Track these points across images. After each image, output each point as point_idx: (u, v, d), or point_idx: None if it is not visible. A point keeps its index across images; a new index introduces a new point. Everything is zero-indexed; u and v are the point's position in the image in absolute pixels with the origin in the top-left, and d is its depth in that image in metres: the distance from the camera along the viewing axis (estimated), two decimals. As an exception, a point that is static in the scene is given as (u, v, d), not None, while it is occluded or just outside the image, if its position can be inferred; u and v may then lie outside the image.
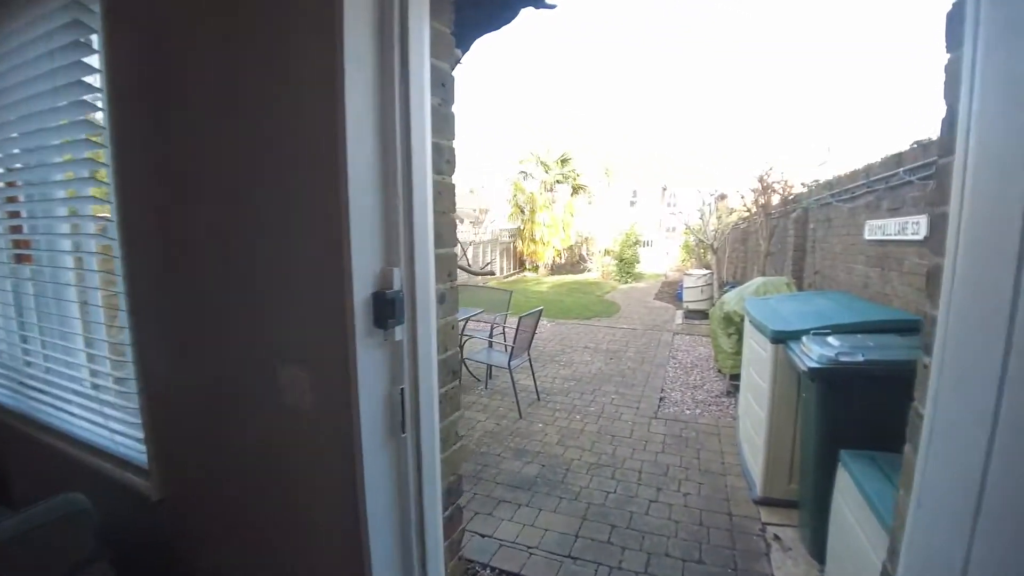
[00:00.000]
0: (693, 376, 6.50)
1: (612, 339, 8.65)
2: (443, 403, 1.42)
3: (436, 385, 1.35)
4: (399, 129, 1.15)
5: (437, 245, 1.31)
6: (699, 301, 10.76)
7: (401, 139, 1.16)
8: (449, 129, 1.37)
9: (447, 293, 1.41)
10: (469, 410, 5.28)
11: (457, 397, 1.54)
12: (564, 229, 20.51)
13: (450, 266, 1.42)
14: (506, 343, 5.30)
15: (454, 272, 1.44)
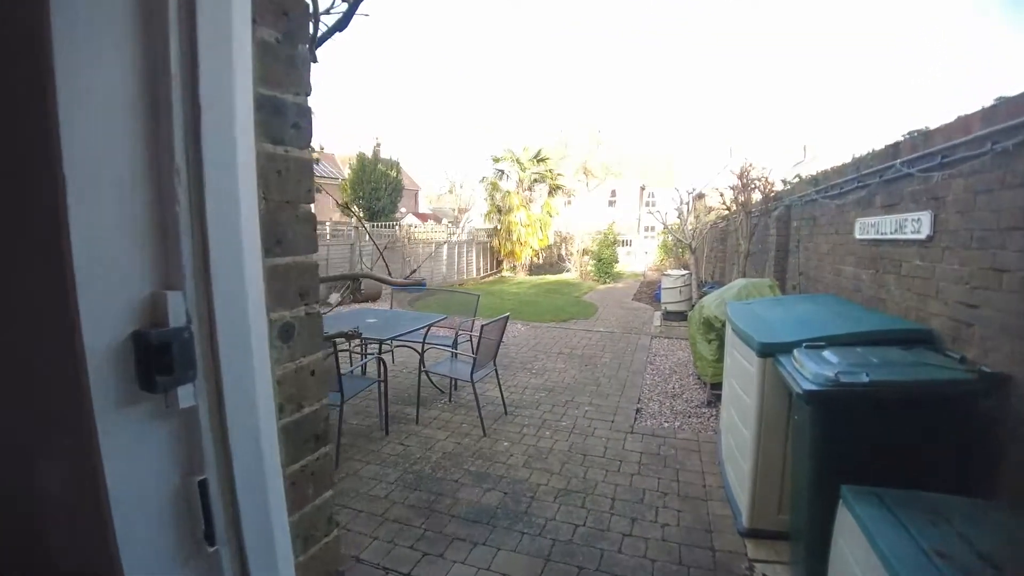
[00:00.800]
0: (672, 383, 6.12)
1: (588, 343, 8.25)
2: (297, 486, 0.97)
3: (278, 464, 0.89)
4: (177, 69, 0.70)
5: (273, 252, 0.86)
6: (678, 302, 10.43)
7: (183, 85, 0.71)
8: (296, 78, 0.92)
9: (300, 324, 0.96)
10: (428, 427, 4.82)
11: (325, 472, 1.08)
12: (542, 229, 20.13)
13: (305, 282, 0.96)
14: (473, 353, 4.85)
15: (313, 291, 0.99)
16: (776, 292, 5.14)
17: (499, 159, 20.43)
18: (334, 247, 12.38)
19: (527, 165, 20.23)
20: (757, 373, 3.01)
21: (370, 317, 5.57)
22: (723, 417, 4.22)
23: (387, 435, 4.65)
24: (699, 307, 5.70)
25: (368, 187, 29.59)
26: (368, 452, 4.33)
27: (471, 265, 19.32)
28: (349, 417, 5.05)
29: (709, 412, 5.20)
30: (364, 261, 12.91)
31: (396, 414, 5.14)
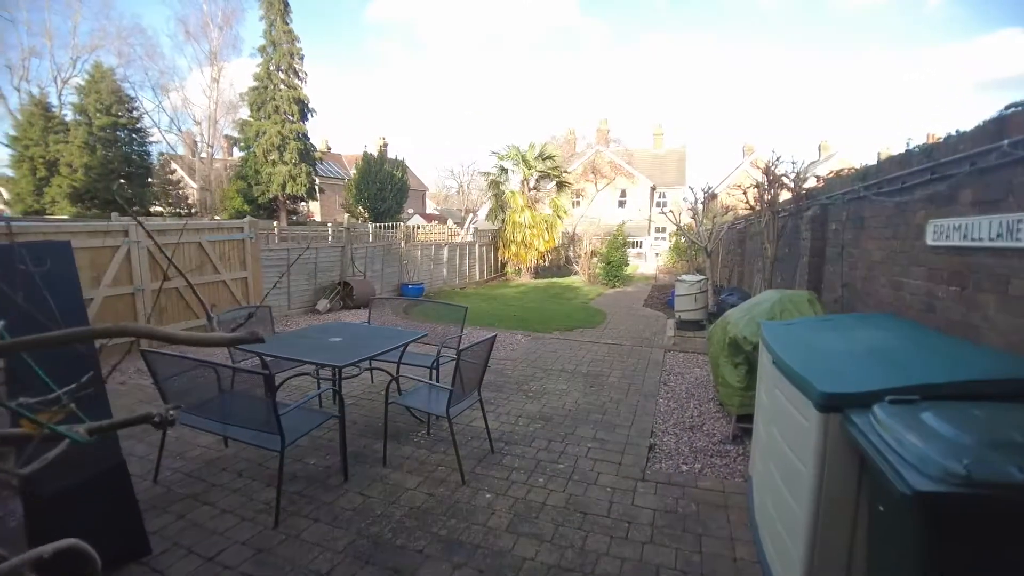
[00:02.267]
0: (690, 411, 5.27)
1: (594, 358, 7.41)
2: None
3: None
4: None
5: None
6: (693, 311, 9.55)
7: None
8: None
9: None
10: (397, 471, 4.01)
11: None
12: (548, 230, 19.26)
13: None
14: (461, 377, 4.02)
15: None
16: (818, 308, 4.29)
17: (503, 156, 19.59)
18: (324, 250, 11.62)
19: (532, 163, 19.37)
20: (816, 433, 2.18)
21: (335, 335, 4.77)
22: (756, 465, 3.38)
23: (346, 480, 3.86)
24: (723, 324, 4.85)
25: (373, 188, 29.01)
26: (320, 505, 3.54)
27: (473, 268, 18.52)
28: (306, 455, 4.27)
29: (735, 451, 4.35)
30: (356, 264, 12.15)
31: (363, 451, 4.34)
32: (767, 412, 3.06)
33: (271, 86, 24.42)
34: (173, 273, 7.86)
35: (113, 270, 7.07)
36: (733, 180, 28.29)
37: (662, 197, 33.22)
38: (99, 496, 2.84)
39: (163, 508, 3.53)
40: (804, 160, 7.19)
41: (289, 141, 24.49)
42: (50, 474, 2.70)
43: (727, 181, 30.51)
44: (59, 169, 21.13)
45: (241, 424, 3.51)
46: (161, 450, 3.93)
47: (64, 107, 24.35)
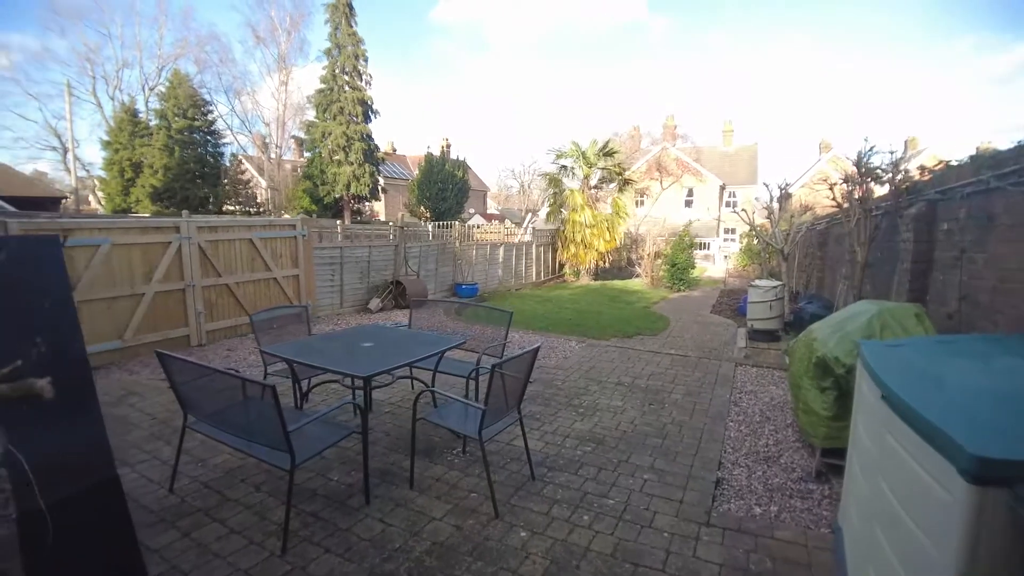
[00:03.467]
0: (764, 438, 4.57)
1: (655, 371, 6.76)
2: None
3: None
4: None
5: None
6: (767, 319, 8.67)
7: None
8: None
9: None
10: (425, 494, 3.59)
11: None
12: (609, 230, 18.48)
13: None
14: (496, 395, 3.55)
15: None
16: (927, 326, 3.53)
17: (562, 154, 18.99)
18: (377, 248, 11.47)
19: (593, 160, 18.66)
20: (963, 511, 1.54)
21: (368, 339, 4.42)
22: (850, 519, 2.71)
23: (368, 503, 3.47)
24: (807, 340, 4.13)
25: (435, 187, 29.18)
26: (335, 531, 3.16)
27: (530, 268, 18.04)
28: (330, 468, 3.93)
29: (820, 490, 3.66)
30: (409, 263, 11.95)
31: (391, 468, 3.96)
32: (870, 459, 2.40)
33: (336, 88, 24.90)
34: (222, 269, 7.85)
35: (164, 266, 7.08)
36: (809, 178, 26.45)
37: (732, 196, 31.64)
38: (88, 513, 2.57)
39: (171, 522, 3.27)
40: (899, 150, 6.24)
41: (353, 142, 24.89)
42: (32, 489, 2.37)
43: (802, 179, 28.59)
44: (143, 170, 22.37)
45: (250, 438, 3.19)
46: (178, 457, 3.70)
47: (149, 113, 25.83)
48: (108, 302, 6.53)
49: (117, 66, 30.83)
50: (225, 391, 3.21)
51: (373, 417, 4.98)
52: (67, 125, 24.57)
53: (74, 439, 2.62)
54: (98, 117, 29.89)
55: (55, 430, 2.57)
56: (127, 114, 23.76)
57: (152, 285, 6.97)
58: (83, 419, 2.63)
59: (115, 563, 2.70)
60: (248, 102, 30.67)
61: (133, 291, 6.78)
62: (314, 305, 9.59)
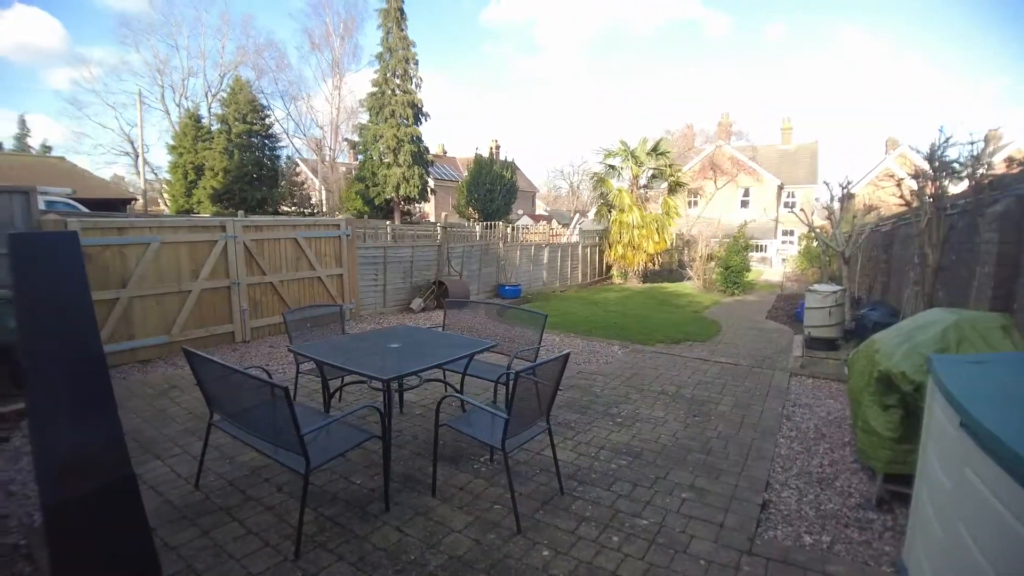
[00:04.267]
0: (818, 458, 4.18)
1: (702, 379, 6.39)
2: None
3: None
4: None
5: None
6: (826, 326, 8.10)
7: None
8: None
9: None
10: (447, 503, 3.43)
11: None
12: (659, 231, 17.94)
13: None
14: (538, 395, 3.35)
15: None
16: (1017, 339, 3.09)
17: (611, 153, 18.58)
18: (420, 249, 11.49)
19: (643, 159, 18.17)
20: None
21: (395, 340, 4.31)
22: (918, 561, 2.35)
23: (387, 510, 3.34)
24: (868, 351, 3.74)
25: (483, 189, 29.25)
26: (350, 539, 3.04)
27: (576, 270, 17.73)
28: (353, 471, 3.83)
29: (881, 521, 3.27)
30: (452, 264, 11.90)
31: (415, 474, 3.82)
32: (944, 494, 2.06)
33: (387, 91, 25.32)
34: (267, 268, 7.98)
35: (210, 264, 7.25)
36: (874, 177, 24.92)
37: (790, 197, 30.29)
38: (103, 509, 2.55)
39: (192, 520, 3.24)
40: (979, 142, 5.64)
41: (403, 144, 25.23)
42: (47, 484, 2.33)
43: (867, 178, 27.00)
44: (204, 173, 23.40)
45: (267, 439, 3.11)
46: (203, 454, 3.70)
47: (211, 118, 27.05)
48: (157, 298, 6.73)
49: (183, 75, 32.61)
50: (244, 390, 3.14)
51: (404, 420, 4.88)
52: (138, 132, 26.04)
53: (90, 436, 2.59)
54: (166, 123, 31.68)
55: (72, 427, 2.55)
56: (191, 120, 24.97)
57: (199, 282, 7.15)
58: (99, 417, 2.61)
59: (130, 560, 2.66)
60: (303, 106, 31.66)
61: (180, 288, 6.96)
62: (357, 304, 9.66)
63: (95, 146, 42.30)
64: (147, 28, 32.70)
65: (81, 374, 2.56)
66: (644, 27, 73.65)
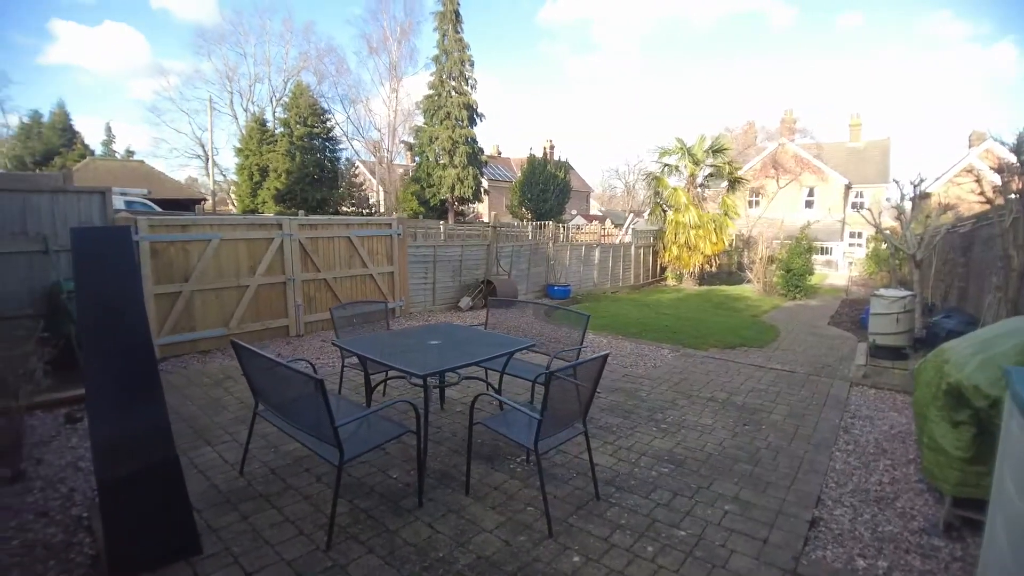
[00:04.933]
0: (877, 474, 3.89)
1: (756, 387, 6.11)
2: None
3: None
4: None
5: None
6: (893, 334, 7.58)
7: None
8: None
9: None
10: (480, 502, 3.40)
11: None
12: (717, 231, 17.34)
13: None
14: (578, 396, 3.28)
15: None
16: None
17: (667, 151, 18.12)
18: (469, 248, 11.56)
19: (700, 157, 17.63)
20: None
21: (435, 337, 4.33)
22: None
23: (420, 506, 3.35)
24: (937, 360, 3.45)
25: (536, 189, 29.23)
26: (382, 532, 3.06)
27: (628, 271, 17.41)
28: (391, 465, 3.88)
29: (948, 549, 3.00)
30: (501, 263, 11.91)
31: (450, 471, 3.82)
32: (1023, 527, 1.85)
33: (443, 93, 25.70)
34: (321, 265, 8.22)
35: (267, 261, 7.54)
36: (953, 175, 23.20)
37: (859, 196, 28.73)
38: (149, 489, 2.67)
39: (234, 505, 3.35)
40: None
41: (458, 145, 25.55)
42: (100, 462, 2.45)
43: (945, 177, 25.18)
44: (268, 174, 24.47)
45: (305, 430, 3.18)
46: (248, 442, 3.83)
47: (275, 122, 28.27)
48: (216, 292, 7.06)
49: (250, 81, 34.35)
50: (285, 382, 3.22)
51: (444, 416, 4.90)
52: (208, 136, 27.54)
53: (138, 421, 2.71)
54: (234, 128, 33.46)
55: (121, 411, 2.68)
56: (256, 123, 26.21)
57: (256, 278, 7.44)
58: (147, 403, 2.72)
59: (172, 536, 2.78)
60: (362, 109, 32.54)
61: (239, 283, 7.27)
62: (407, 301, 9.83)
63: (171, 150, 45.27)
64: (218, 38, 34.60)
65: (131, 362, 2.68)
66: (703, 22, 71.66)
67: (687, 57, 79.03)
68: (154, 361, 2.77)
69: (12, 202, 5.75)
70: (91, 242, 2.65)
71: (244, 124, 29.53)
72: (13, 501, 3.37)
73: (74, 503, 3.37)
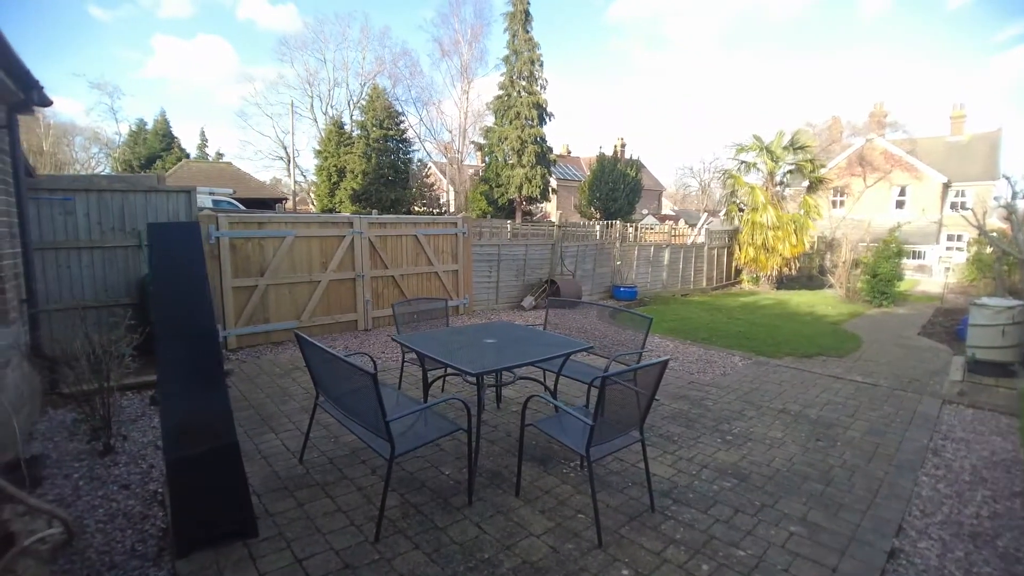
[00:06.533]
0: (974, 506, 3.50)
1: (832, 399, 5.70)
2: None
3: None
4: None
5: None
6: (998, 348, 6.84)
7: None
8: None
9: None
10: (529, 504, 3.35)
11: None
12: (797, 232, 16.36)
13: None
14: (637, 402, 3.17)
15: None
16: None
17: (743, 148, 17.31)
18: (534, 247, 11.52)
19: (780, 154, 16.71)
20: None
21: (491, 336, 4.31)
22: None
23: (470, 504, 3.34)
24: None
25: (606, 188, 28.78)
26: (429, 528, 3.08)
27: (700, 273, 16.78)
28: (444, 461, 3.91)
29: (1059, 592, 2.64)
30: (565, 263, 11.79)
31: (502, 471, 3.80)
32: None
33: (513, 94, 25.79)
34: (389, 262, 8.44)
35: (338, 257, 7.82)
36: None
37: (959, 196, 26.35)
38: (211, 472, 2.81)
39: (291, 491, 3.48)
40: None
41: (527, 145, 25.56)
42: (168, 443, 2.60)
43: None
44: (345, 175, 25.49)
45: (360, 422, 3.24)
46: (308, 431, 3.99)
47: (352, 124, 29.42)
48: (289, 287, 7.40)
49: (329, 86, 35.97)
50: (342, 375, 3.30)
51: (500, 415, 4.89)
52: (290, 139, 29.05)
53: (203, 406, 2.85)
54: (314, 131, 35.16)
55: (188, 397, 2.83)
56: (334, 126, 27.39)
57: (327, 274, 7.74)
58: (211, 389, 2.86)
59: (232, 517, 2.91)
60: (434, 111, 33.27)
61: (311, 278, 7.59)
62: (470, 299, 9.92)
63: (256, 152, 48.49)
64: (300, 45, 36.45)
65: (198, 350, 2.83)
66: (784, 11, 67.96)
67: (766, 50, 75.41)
68: (219, 350, 2.91)
69: (113, 201, 6.25)
70: (162, 237, 2.82)
71: (323, 127, 30.96)
72: (103, 472, 3.65)
73: (152, 478, 3.61)
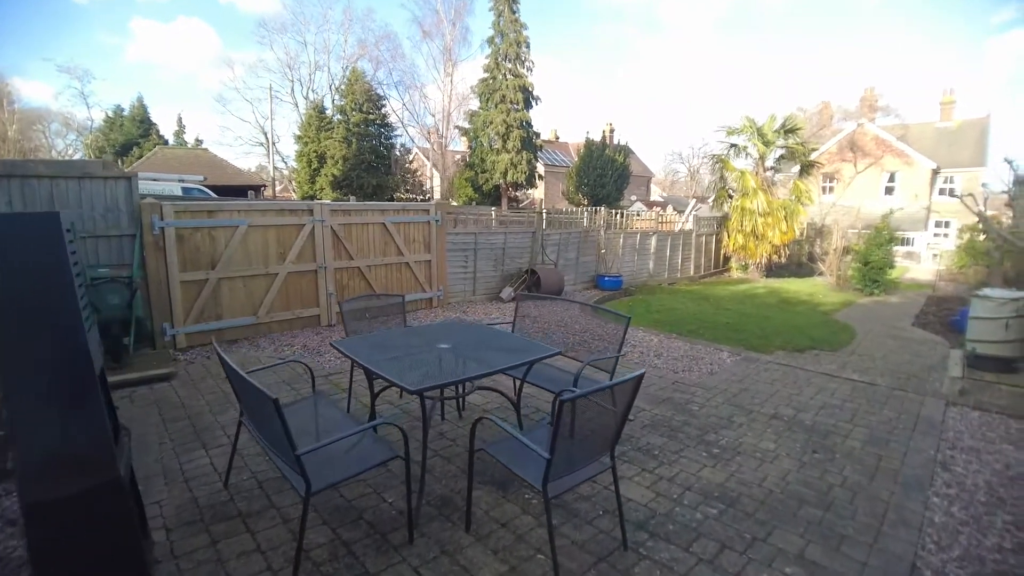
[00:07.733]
0: (995, 534, 3.04)
1: (828, 401, 5.25)
2: None
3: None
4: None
5: None
6: (1001, 343, 6.42)
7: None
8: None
9: None
10: (480, 545, 2.84)
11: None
12: (787, 219, 15.93)
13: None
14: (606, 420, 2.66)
15: None
16: None
17: (734, 130, 16.79)
18: (513, 235, 10.97)
19: (771, 137, 16.21)
20: None
21: (447, 340, 3.78)
22: None
23: (411, 542, 2.83)
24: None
25: (593, 174, 28.22)
26: (359, 574, 2.57)
27: (688, 261, 16.32)
28: (389, 486, 3.39)
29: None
30: (547, 252, 11.26)
31: (454, 498, 3.29)
32: None
33: (498, 76, 25.09)
34: (355, 252, 7.87)
35: (297, 248, 7.24)
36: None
37: (947, 182, 26.09)
38: (87, 513, 2.27)
39: (207, 525, 2.99)
40: None
41: (512, 129, 24.92)
42: (25, 484, 2.02)
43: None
44: (326, 161, 24.73)
45: (276, 452, 2.72)
46: (232, 453, 3.48)
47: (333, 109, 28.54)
48: (244, 280, 6.82)
49: (310, 69, 34.89)
50: (252, 394, 2.77)
51: (462, 426, 4.38)
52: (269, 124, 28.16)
53: (71, 437, 2.31)
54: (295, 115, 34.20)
55: (48, 427, 2.28)
56: (315, 111, 26.56)
57: (285, 265, 7.16)
58: (81, 417, 2.32)
59: (115, 567, 2.38)
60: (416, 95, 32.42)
61: (268, 271, 7.01)
62: (445, 291, 9.38)
63: (235, 138, 47.41)
64: (280, 27, 35.26)
65: (61, 372, 2.27)
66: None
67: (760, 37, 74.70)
68: (92, 368, 2.35)
69: (40, 188, 5.64)
70: (11, 229, 2.25)
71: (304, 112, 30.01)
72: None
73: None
